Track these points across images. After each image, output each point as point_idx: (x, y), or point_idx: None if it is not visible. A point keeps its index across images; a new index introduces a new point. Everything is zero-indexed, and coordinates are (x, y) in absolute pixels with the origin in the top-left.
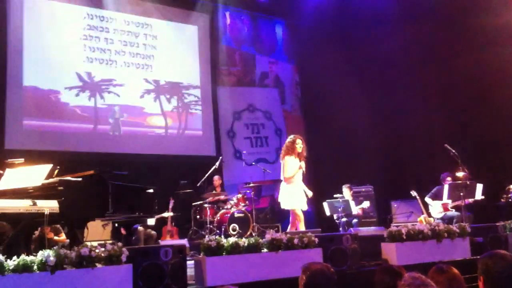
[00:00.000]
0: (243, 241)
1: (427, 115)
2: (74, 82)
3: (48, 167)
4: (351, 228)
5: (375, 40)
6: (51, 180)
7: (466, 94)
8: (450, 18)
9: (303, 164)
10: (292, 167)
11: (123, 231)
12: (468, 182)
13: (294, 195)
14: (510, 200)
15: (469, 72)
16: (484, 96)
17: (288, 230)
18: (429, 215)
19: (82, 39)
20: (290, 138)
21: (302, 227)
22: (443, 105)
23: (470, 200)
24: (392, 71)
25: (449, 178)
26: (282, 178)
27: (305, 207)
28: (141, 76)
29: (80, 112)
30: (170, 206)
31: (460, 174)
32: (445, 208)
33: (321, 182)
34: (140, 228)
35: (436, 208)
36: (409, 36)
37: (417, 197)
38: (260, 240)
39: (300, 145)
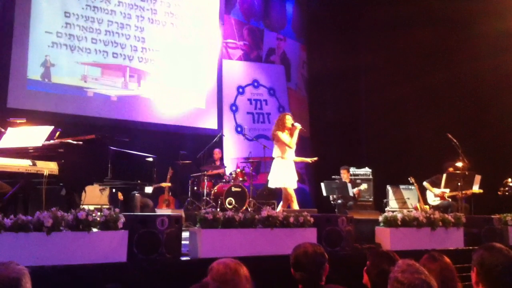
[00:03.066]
0: (239, 216)
1: (432, 104)
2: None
3: (49, 128)
4: (347, 210)
5: (384, 25)
6: (52, 141)
7: (471, 88)
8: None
9: (298, 125)
10: (286, 139)
11: (120, 197)
12: (466, 173)
13: (284, 173)
14: (507, 193)
15: (476, 68)
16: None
17: (279, 208)
18: (425, 202)
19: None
20: (280, 115)
21: (295, 206)
22: (448, 96)
23: (468, 192)
24: (399, 59)
25: (450, 169)
26: (274, 155)
27: (295, 186)
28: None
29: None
30: (168, 176)
31: (459, 164)
32: (442, 197)
33: (321, 162)
34: (138, 195)
35: (432, 195)
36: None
37: (415, 184)
38: (256, 216)
39: (290, 121)
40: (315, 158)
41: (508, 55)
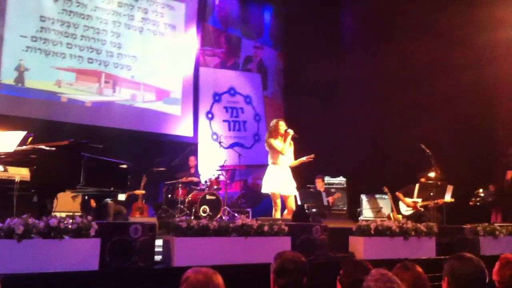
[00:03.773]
0: (213, 224)
1: (406, 115)
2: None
3: (22, 133)
4: (321, 219)
5: (361, 36)
6: (24, 147)
7: (445, 99)
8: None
9: (290, 131)
10: (279, 145)
11: (93, 204)
12: (439, 183)
13: (275, 179)
14: (479, 203)
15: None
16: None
17: (273, 215)
18: (398, 212)
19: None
20: (272, 122)
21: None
22: (423, 108)
23: (440, 201)
24: (375, 69)
25: (422, 179)
26: (268, 162)
27: (287, 192)
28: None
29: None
30: (143, 183)
31: (432, 174)
32: (414, 207)
33: (296, 171)
34: (111, 202)
35: (405, 205)
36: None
37: (389, 194)
38: (230, 224)
39: (283, 127)
40: (312, 156)
41: (485, 68)
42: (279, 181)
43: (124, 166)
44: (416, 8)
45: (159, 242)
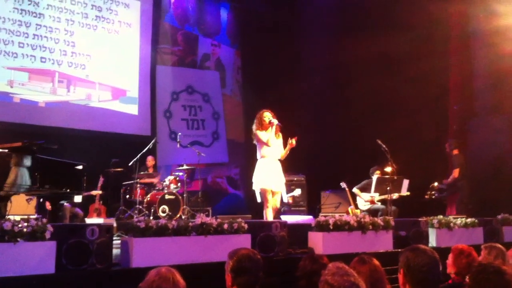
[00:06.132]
0: (172, 224)
1: (363, 111)
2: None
3: None
4: (281, 216)
5: (321, 31)
6: None
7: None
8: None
9: (275, 121)
10: (264, 137)
11: (48, 207)
12: (395, 177)
13: (265, 173)
14: (433, 197)
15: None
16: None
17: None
18: (357, 206)
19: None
20: (258, 112)
21: (268, 213)
22: (379, 103)
23: (396, 195)
24: (332, 64)
25: (377, 172)
26: (257, 156)
27: (277, 188)
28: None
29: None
30: (99, 184)
31: (388, 169)
32: (372, 201)
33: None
34: (66, 205)
35: (363, 200)
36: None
37: (346, 189)
38: (190, 223)
39: (268, 117)
40: (294, 139)
41: (439, 63)
42: (269, 175)
43: (80, 167)
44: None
45: (118, 243)
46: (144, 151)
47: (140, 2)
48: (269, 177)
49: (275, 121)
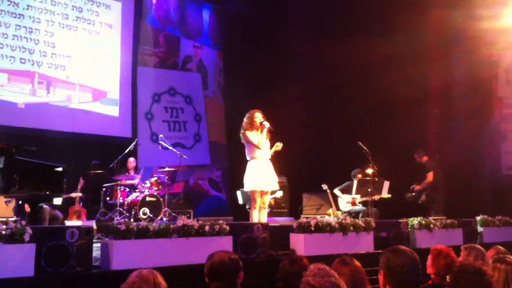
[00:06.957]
0: (153, 226)
1: (343, 113)
2: None
3: None
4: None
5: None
6: None
7: (381, 98)
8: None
9: (266, 123)
10: (255, 139)
11: (27, 209)
12: (376, 179)
13: (255, 175)
14: (413, 198)
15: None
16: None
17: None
18: (338, 208)
19: None
20: (248, 112)
21: (262, 214)
22: (360, 106)
23: (377, 197)
24: (313, 67)
25: (359, 175)
26: (247, 158)
27: (268, 188)
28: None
29: None
30: (80, 186)
31: (369, 171)
32: (353, 203)
33: (236, 171)
34: (46, 207)
35: (344, 202)
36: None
37: (328, 191)
38: (171, 225)
39: (259, 118)
40: (279, 144)
41: (418, 68)
42: (261, 177)
43: (59, 168)
44: (355, 5)
45: (98, 246)
46: (125, 153)
47: (121, 3)
48: (261, 179)
49: (267, 124)
